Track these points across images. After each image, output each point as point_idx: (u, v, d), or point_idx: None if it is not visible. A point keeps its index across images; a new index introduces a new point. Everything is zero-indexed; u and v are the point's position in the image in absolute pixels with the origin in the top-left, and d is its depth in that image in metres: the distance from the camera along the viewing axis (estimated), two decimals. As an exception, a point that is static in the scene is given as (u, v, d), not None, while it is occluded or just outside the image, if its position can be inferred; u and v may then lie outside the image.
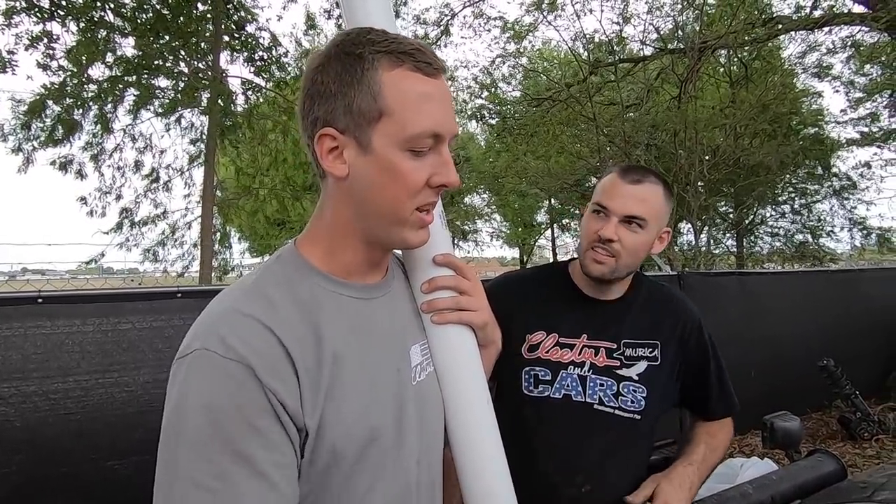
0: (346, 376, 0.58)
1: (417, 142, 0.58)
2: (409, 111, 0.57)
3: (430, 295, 0.72)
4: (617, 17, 7.85)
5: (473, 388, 0.73)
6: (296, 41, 9.52)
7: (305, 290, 0.60)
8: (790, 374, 4.01)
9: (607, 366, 1.01)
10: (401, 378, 0.65)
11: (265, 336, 0.53)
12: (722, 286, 3.98)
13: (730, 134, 7.44)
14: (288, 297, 0.58)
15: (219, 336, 0.52)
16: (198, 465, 0.48)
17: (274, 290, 0.58)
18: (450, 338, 0.73)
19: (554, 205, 16.08)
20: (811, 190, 11.50)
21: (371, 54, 0.57)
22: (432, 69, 0.58)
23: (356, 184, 0.60)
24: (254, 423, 0.50)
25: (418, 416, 0.66)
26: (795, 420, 1.43)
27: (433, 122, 0.58)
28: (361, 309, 0.64)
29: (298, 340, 0.55)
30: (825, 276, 5.12)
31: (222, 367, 0.50)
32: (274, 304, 0.57)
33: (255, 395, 0.50)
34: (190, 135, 7.95)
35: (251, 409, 0.50)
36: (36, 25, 5.83)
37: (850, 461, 3.33)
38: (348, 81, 0.57)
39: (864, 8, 5.57)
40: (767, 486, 1.08)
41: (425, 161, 0.59)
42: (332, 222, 0.64)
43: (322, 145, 0.59)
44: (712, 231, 11.25)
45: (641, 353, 1.03)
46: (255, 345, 0.52)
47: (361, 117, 0.57)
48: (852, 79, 10.48)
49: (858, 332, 4.55)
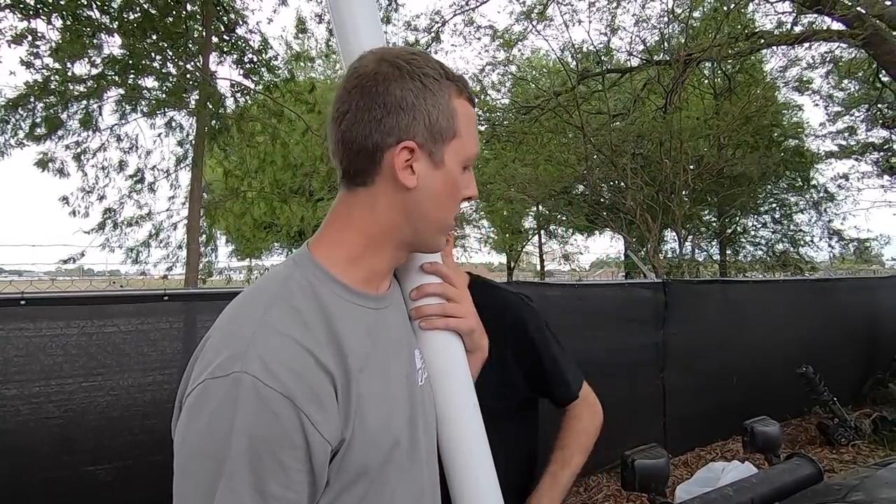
0: (369, 388, 0.59)
1: (470, 162, 0.68)
2: (469, 135, 0.67)
3: (418, 301, 0.75)
4: (605, 28, 7.98)
5: (461, 393, 0.75)
6: (286, 44, 9.51)
7: (326, 300, 0.60)
8: (771, 381, 4.08)
9: None
10: (410, 383, 0.68)
11: (305, 359, 0.54)
12: (705, 294, 4.05)
13: (714, 144, 7.59)
14: (314, 309, 0.58)
15: (260, 359, 0.51)
16: (224, 492, 0.49)
17: (301, 300, 0.58)
18: (438, 344, 0.75)
19: (541, 211, 16.19)
20: (791, 201, 11.78)
21: (447, 79, 0.65)
22: (474, 98, 0.69)
23: (421, 194, 0.64)
24: (281, 459, 0.50)
25: (424, 418, 0.69)
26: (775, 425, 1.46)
27: (478, 147, 0.70)
28: (375, 319, 0.65)
29: (331, 354, 0.56)
30: (805, 285, 5.24)
31: (265, 398, 0.50)
32: (305, 318, 0.57)
33: (291, 428, 0.51)
34: (177, 136, 7.87)
35: (281, 445, 0.50)
36: (20, 22, 5.74)
37: (828, 465, 3.40)
38: (431, 101, 0.62)
39: (843, 25, 5.75)
40: (747, 488, 1.11)
41: (465, 178, 0.69)
42: (374, 228, 0.64)
43: (401, 157, 0.62)
44: (696, 239, 11.44)
45: None
46: (297, 370, 0.52)
47: (439, 135, 0.64)
48: (831, 93, 10.80)
49: (836, 339, 4.66)
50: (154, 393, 1.91)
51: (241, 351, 0.52)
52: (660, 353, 3.59)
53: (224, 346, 0.54)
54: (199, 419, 0.51)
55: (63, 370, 1.80)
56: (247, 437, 0.49)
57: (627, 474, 1.16)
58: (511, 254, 21.32)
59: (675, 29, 7.71)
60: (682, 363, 3.70)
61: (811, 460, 1.23)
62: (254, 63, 7.34)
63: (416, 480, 0.66)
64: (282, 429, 0.50)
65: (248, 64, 7.33)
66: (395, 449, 0.61)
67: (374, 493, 0.59)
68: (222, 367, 0.52)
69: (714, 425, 3.87)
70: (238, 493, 0.49)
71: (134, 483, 1.83)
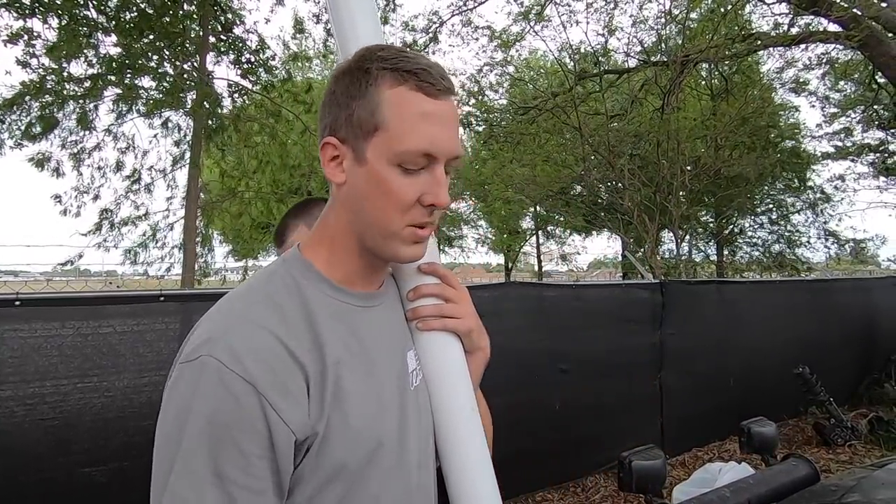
0: (350, 385, 0.59)
1: (408, 159, 0.59)
2: (404, 128, 0.58)
3: (415, 302, 0.74)
4: (602, 29, 8.00)
5: (459, 394, 0.74)
6: (283, 44, 9.49)
7: (310, 296, 0.61)
8: (767, 381, 4.09)
9: None
10: (401, 384, 0.67)
11: (276, 349, 0.54)
12: (702, 294, 4.06)
13: (711, 145, 7.61)
14: (296, 305, 0.59)
15: (229, 346, 0.52)
16: (186, 470, 0.50)
17: (284, 296, 0.60)
18: (435, 345, 0.74)
19: (539, 212, 16.20)
20: (788, 202, 11.82)
21: (377, 70, 0.59)
22: (435, 90, 0.59)
23: (351, 192, 0.62)
24: (240, 444, 0.51)
25: (417, 421, 0.68)
26: (771, 426, 1.47)
27: (426, 142, 0.58)
28: (361, 317, 0.65)
29: (307, 348, 0.57)
30: (801, 286, 5.26)
31: (226, 381, 0.51)
32: (284, 312, 0.58)
33: (251, 414, 0.51)
34: (174, 136, 7.85)
35: (241, 430, 0.51)
36: (16, 21, 5.71)
37: (824, 466, 3.41)
38: (353, 94, 0.60)
39: (839, 26, 5.77)
40: (744, 489, 1.11)
41: (418, 179, 0.60)
42: (334, 228, 0.66)
43: (325, 152, 0.62)
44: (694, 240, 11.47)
45: None
46: (264, 358, 0.53)
47: (359, 129, 0.60)
48: (828, 94, 10.85)
49: (833, 340, 4.67)
50: (150, 394, 1.90)
51: (215, 338, 0.53)
52: (657, 353, 3.59)
53: (202, 333, 0.55)
54: (169, 401, 0.53)
55: (58, 371, 1.79)
56: (205, 419, 0.50)
57: (625, 475, 1.16)
58: (509, 254, 21.34)
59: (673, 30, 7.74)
60: (680, 364, 3.71)
61: (808, 461, 1.23)
62: (251, 63, 7.34)
63: (404, 485, 0.65)
64: (241, 413, 0.51)
65: (245, 64, 7.32)
66: (378, 450, 0.60)
67: (355, 494, 0.58)
68: (194, 351, 0.53)
69: (711, 426, 3.87)
70: (196, 474, 0.50)
71: (130, 485, 1.82)
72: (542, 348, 3.08)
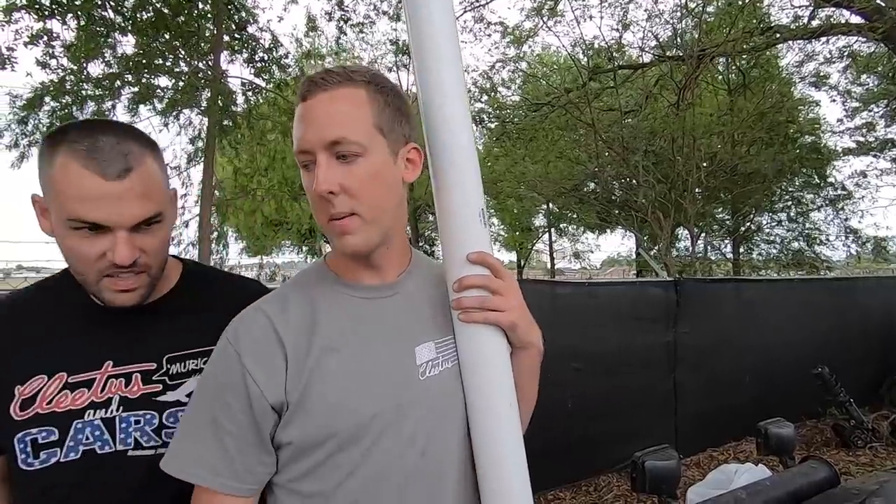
0: (334, 364, 0.68)
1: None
2: None
3: (459, 293, 0.73)
4: (616, 23, 7.89)
5: (496, 388, 0.73)
6: (296, 42, 9.54)
7: (319, 291, 0.73)
8: (785, 381, 4.02)
9: (144, 395, 0.78)
10: (404, 373, 0.70)
11: (265, 329, 0.68)
12: (718, 293, 4.00)
13: (727, 141, 7.49)
14: (302, 296, 0.72)
15: (235, 326, 0.69)
16: (193, 412, 0.69)
17: (292, 291, 0.73)
18: (473, 337, 0.73)
19: (552, 209, 16.11)
20: (807, 198, 11.58)
21: None
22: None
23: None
24: (225, 399, 0.66)
25: (425, 409, 0.70)
26: (789, 427, 1.44)
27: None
28: (365, 307, 0.73)
29: (294, 332, 0.68)
30: (820, 284, 5.15)
31: (225, 351, 0.68)
32: (287, 303, 0.71)
33: (235, 376, 0.66)
34: (188, 134, 7.95)
35: (228, 387, 0.66)
36: (36, 23, 5.82)
37: (844, 469, 3.34)
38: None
39: (862, 18, 5.62)
40: (761, 491, 1.08)
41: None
42: None
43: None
44: (709, 237, 11.30)
45: (192, 366, 0.81)
46: (254, 334, 0.68)
47: None
48: (849, 88, 10.57)
49: (852, 339, 4.57)
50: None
51: (233, 321, 0.71)
52: (671, 352, 3.55)
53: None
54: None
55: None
56: (210, 378, 0.69)
57: (638, 476, 1.15)
58: (521, 252, 21.27)
59: (689, 24, 7.61)
60: (694, 363, 3.66)
61: (827, 463, 1.20)
62: (264, 61, 7.39)
63: (395, 467, 0.68)
64: (229, 375, 0.66)
65: (258, 62, 7.37)
66: (362, 428, 0.67)
67: (336, 462, 0.66)
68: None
69: (726, 426, 3.81)
70: (200, 415, 0.68)
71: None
72: (555, 346, 3.05)
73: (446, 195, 0.73)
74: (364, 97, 0.67)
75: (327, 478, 0.66)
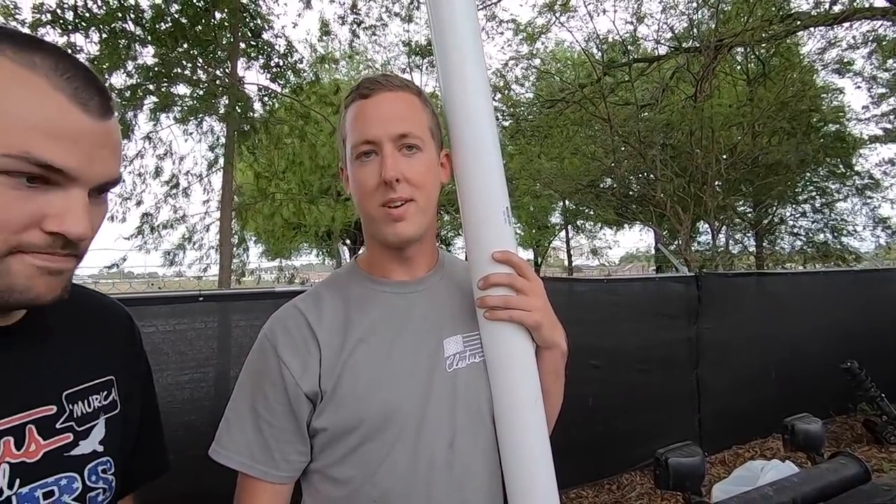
0: (365, 356, 0.72)
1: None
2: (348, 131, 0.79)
3: (483, 291, 0.73)
4: (631, 16, 7.80)
5: (520, 386, 0.73)
6: (311, 47, 9.65)
7: (351, 289, 0.78)
8: (812, 376, 3.93)
9: (49, 453, 0.51)
10: (432, 364, 0.73)
11: (298, 322, 0.73)
12: (740, 287, 3.92)
13: (747, 132, 7.33)
14: (335, 294, 0.78)
15: (272, 322, 0.75)
16: (236, 402, 0.74)
17: (326, 290, 0.79)
18: (499, 335, 0.73)
19: (568, 206, 15.98)
20: (832, 188, 11.25)
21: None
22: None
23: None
24: (262, 388, 0.72)
25: (453, 401, 0.73)
26: (817, 422, 1.41)
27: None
28: (396, 302, 0.77)
29: (328, 325, 0.73)
30: (847, 276, 5.01)
31: (262, 344, 0.74)
32: (321, 299, 0.76)
33: (271, 367, 0.71)
34: (208, 140, 8.11)
35: (264, 377, 0.72)
36: (61, 37, 6.01)
37: (876, 465, 3.25)
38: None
39: (887, 2, 5.44)
40: (788, 488, 1.07)
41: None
42: (364, 231, 0.80)
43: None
44: (731, 231, 11.07)
45: (97, 403, 0.58)
46: (287, 327, 0.73)
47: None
48: (875, 74, 10.23)
49: (883, 333, 4.43)
50: (192, 390, 1.97)
51: (270, 318, 0.76)
52: (693, 348, 3.50)
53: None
54: None
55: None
56: (250, 370, 0.74)
57: (661, 473, 1.14)
58: (538, 249, 21.13)
59: (705, 14, 7.47)
60: (718, 359, 3.60)
61: (857, 459, 1.18)
62: (280, 67, 7.49)
63: (422, 457, 0.70)
64: (266, 366, 0.72)
65: (274, 68, 7.48)
66: (390, 417, 0.70)
67: (365, 450, 0.70)
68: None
69: (752, 422, 3.74)
70: (242, 402, 0.73)
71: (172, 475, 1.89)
72: (574, 343, 3.02)
73: (471, 194, 0.74)
74: (419, 102, 0.76)
75: (360, 464, 0.70)
